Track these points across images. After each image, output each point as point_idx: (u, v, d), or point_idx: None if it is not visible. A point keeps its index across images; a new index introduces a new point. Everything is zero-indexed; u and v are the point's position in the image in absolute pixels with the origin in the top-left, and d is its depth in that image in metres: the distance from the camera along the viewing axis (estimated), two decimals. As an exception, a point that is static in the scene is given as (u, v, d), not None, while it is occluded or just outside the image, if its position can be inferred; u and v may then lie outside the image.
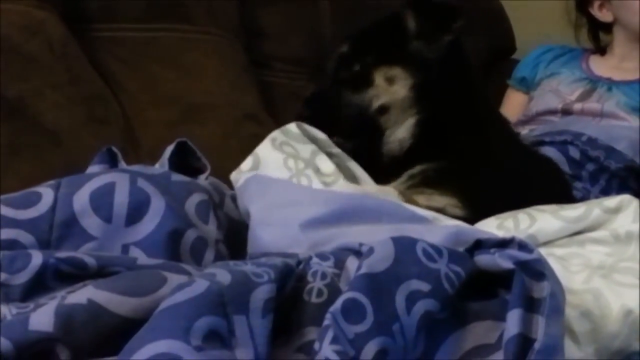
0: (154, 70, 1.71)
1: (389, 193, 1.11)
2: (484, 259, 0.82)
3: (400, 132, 1.26)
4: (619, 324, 0.88)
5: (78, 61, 1.56)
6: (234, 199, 1.15)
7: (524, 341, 0.73)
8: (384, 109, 1.25)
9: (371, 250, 0.79)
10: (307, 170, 1.11)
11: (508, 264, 0.78)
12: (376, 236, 0.84)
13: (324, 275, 0.81)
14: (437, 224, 0.96)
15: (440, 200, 1.20)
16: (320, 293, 0.78)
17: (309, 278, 0.80)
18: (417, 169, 1.24)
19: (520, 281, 0.76)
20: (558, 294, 0.77)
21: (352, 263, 0.83)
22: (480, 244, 0.84)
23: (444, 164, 1.23)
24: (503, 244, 0.82)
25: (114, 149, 1.16)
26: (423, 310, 0.74)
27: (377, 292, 0.74)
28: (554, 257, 0.98)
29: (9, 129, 1.36)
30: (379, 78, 1.23)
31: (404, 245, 0.80)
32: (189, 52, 1.78)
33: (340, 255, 0.85)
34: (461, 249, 0.84)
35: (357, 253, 0.84)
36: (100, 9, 1.70)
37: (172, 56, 1.75)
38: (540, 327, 0.74)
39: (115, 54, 1.69)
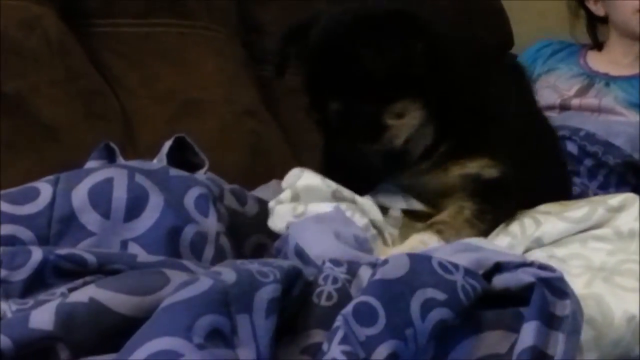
0: (153, 65, 1.71)
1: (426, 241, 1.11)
2: (503, 278, 0.82)
3: (425, 142, 1.23)
4: (621, 330, 0.87)
5: (76, 57, 1.56)
6: (233, 192, 1.14)
7: (539, 355, 0.73)
8: (407, 141, 1.21)
9: (386, 261, 0.79)
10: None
11: (530, 278, 0.78)
12: None
13: (335, 280, 0.81)
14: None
15: (473, 165, 1.20)
16: (330, 296, 0.78)
17: (320, 281, 0.80)
18: (443, 147, 1.22)
19: (540, 295, 0.76)
20: (578, 314, 0.77)
21: (364, 271, 0.83)
22: (501, 267, 0.83)
23: (465, 137, 1.22)
24: (524, 265, 0.81)
25: (112, 144, 1.16)
26: (438, 318, 0.74)
27: (391, 297, 0.74)
28: (555, 259, 0.98)
29: (7, 125, 1.35)
30: (390, 119, 1.18)
31: (419, 258, 0.80)
32: (188, 48, 1.77)
33: (353, 264, 0.86)
34: (480, 272, 0.83)
35: (372, 265, 0.84)
36: (99, 5, 1.69)
37: (171, 52, 1.75)
38: (560, 345, 0.74)
39: (114, 49, 1.69)
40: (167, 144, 1.18)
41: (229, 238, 1.06)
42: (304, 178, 1.12)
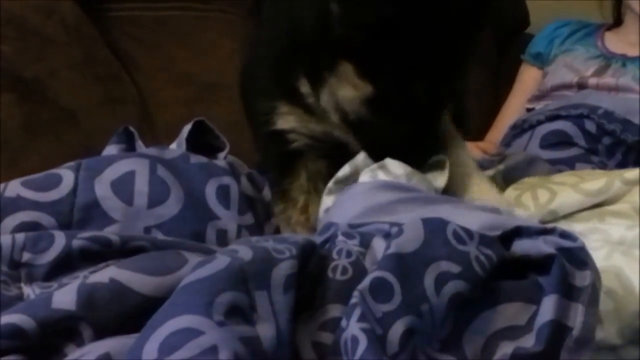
0: (170, 49, 1.72)
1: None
2: (524, 244, 0.81)
3: None
4: (641, 302, 0.86)
5: (93, 41, 1.57)
6: (249, 178, 1.14)
7: (558, 327, 0.73)
8: None
9: (400, 231, 0.78)
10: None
11: (550, 249, 0.77)
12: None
13: (349, 254, 0.80)
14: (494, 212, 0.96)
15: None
16: (345, 270, 0.78)
17: (334, 255, 0.80)
18: None
19: (560, 267, 0.75)
20: (597, 284, 0.77)
21: (377, 243, 0.83)
22: (521, 231, 0.83)
23: None
24: (545, 231, 0.81)
25: (131, 128, 1.17)
26: (453, 292, 0.74)
27: (406, 272, 0.74)
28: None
29: (26, 110, 1.36)
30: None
31: (433, 227, 0.79)
32: (204, 31, 1.77)
33: (366, 235, 0.85)
34: (498, 233, 0.83)
35: (387, 235, 0.84)
36: (115, -12, 1.70)
37: (187, 35, 1.75)
38: (579, 316, 0.73)
39: (131, 33, 1.70)
40: (187, 128, 1.17)
41: (250, 231, 1.07)
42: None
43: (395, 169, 1.04)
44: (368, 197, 0.98)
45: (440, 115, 1.19)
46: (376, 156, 1.08)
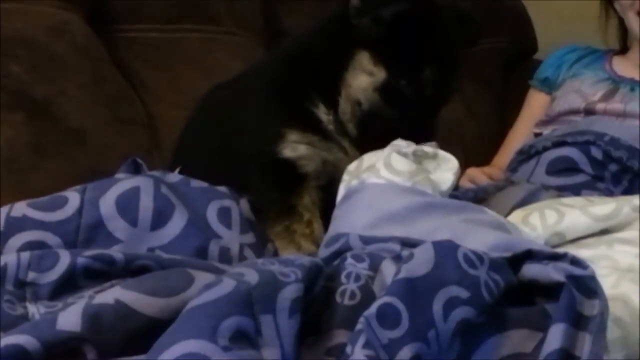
0: (178, 70, 1.72)
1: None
2: (533, 268, 0.80)
3: None
4: (648, 329, 0.86)
5: (103, 61, 1.57)
6: (250, 201, 1.16)
7: (566, 357, 0.72)
8: None
9: (411, 256, 0.78)
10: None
11: (560, 277, 0.77)
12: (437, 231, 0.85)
13: (357, 277, 0.80)
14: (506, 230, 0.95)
15: None
16: (353, 295, 0.78)
17: (343, 279, 0.80)
18: None
19: (569, 295, 0.75)
20: (605, 312, 0.76)
21: (386, 267, 0.83)
22: (531, 255, 0.82)
23: None
24: (555, 257, 0.80)
25: (139, 160, 1.18)
26: (460, 318, 0.74)
27: (415, 297, 0.74)
28: (581, 260, 0.97)
29: (35, 129, 1.37)
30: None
31: (444, 250, 0.79)
32: (213, 53, 1.78)
33: (376, 257, 0.85)
34: (508, 255, 0.83)
35: (397, 257, 0.84)
36: (125, 10, 1.70)
37: (196, 57, 1.76)
38: (586, 345, 0.73)
39: (140, 54, 1.70)
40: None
41: (253, 249, 1.08)
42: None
43: (400, 166, 1.04)
44: (378, 203, 0.98)
45: (442, 107, 1.26)
46: None
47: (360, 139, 1.22)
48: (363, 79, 1.20)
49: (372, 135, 1.20)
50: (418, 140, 1.13)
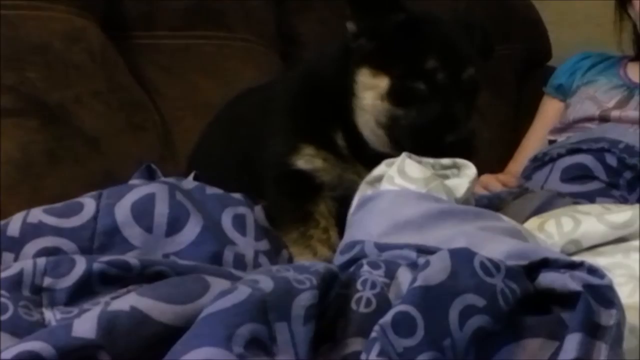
0: (193, 77, 1.73)
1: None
2: (550, 277, 0.80)
3: None
4: (666, 340, 0.85)
5: (118, 69, 1.58)
6: (264, 208, 1.16)
7: None
8: None
9: (427, 263, 0.78)
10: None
11: (576, 286, 0.76)
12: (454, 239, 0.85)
13: (373, 285, 0.80)
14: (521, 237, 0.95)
15: None
16: (368, 303, 0.78)
17: (358, 286, 0.80)
18: None
19: (586, 305, 0.74)
20: (622, 322, 0.75)
21: (402, 274, 0.82)
22: (548, 263, 0.82)
23: None
24: (572, 265, 0.79)
25: (153, 166, 1.19)
26: (476, 326, 0.73)
27: (431, 306, 0.73)
28: (598, 268, 0.96)
29: (50, 135, 1.38)
30: None
31: (461, 258, 0.78)
32: (227, 60, 1.79)
33: (391, 265, 0.85)
34: (525, 263, 0.82)
35: (413, 264, 0.83)
36: (140, 17, 1.72)
37: (210, 64, 1.76)
38: (603, 355, 0.72)
39: (154, 61, 1.71)
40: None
41: (267, 256, 1.08)
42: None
43: (414, 172, 1.03)
44: (393, 211, 0.97)
45: (470, 91, 1.25)
46: None
47: (414, 152, 1.13)
48: (368, 95, 1.20)
49: (417, 142, 1.17)
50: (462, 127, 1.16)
